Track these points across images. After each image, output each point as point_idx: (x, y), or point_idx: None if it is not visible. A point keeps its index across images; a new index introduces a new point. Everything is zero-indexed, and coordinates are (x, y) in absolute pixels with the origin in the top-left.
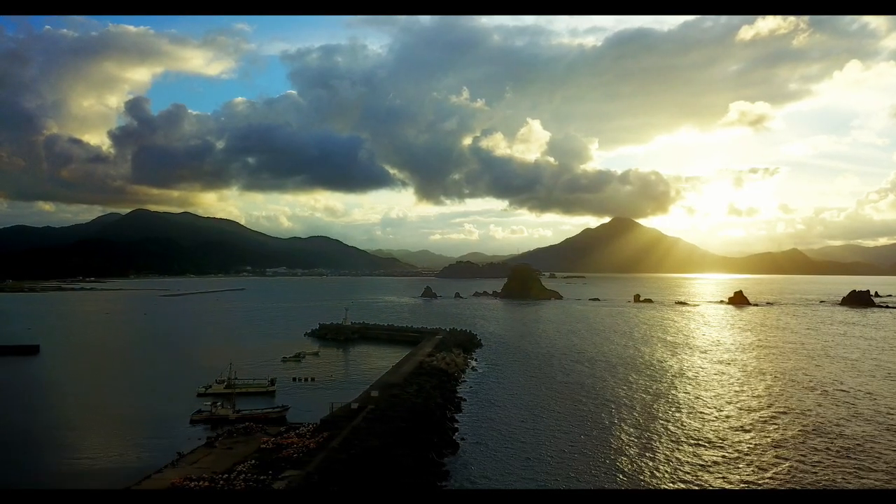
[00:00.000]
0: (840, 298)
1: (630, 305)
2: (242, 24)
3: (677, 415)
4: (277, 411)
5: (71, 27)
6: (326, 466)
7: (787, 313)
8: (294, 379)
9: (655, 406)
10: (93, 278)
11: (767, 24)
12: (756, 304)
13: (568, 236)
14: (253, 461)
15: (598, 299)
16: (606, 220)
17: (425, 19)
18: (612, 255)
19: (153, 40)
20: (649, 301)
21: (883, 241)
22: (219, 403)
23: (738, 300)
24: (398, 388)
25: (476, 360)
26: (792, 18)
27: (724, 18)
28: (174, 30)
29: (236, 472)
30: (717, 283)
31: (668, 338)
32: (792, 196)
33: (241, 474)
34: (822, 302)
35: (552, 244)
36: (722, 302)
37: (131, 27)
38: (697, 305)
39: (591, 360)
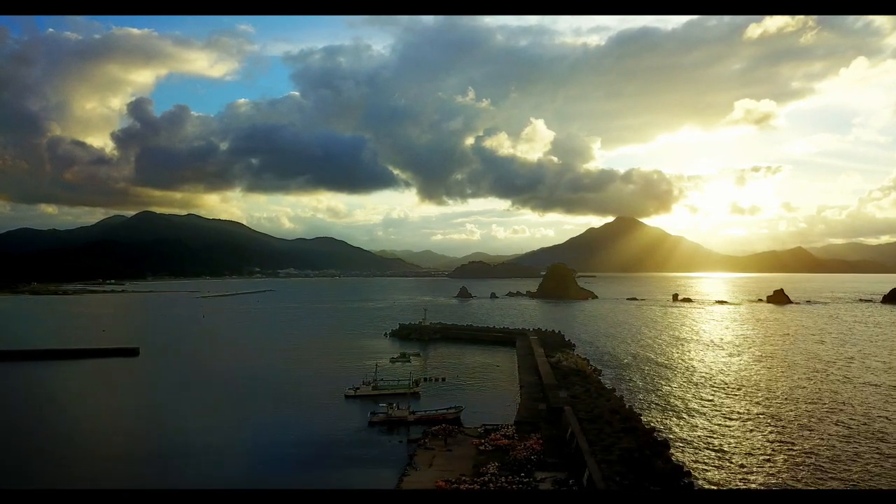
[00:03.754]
0: (878, 296)
1: (674, 304)
2: (245, 25)
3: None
4: (453, 412)
5: (74, 29)
6: (607, 467)
7: (840, 312)
8: (425, 379)
9: (832, 403)
10: (112, 280)
11: (776, 22)
12: (797, 303)
13: (570, 236)
14: (497, 463)
15: (635, 299)
16: (609, 219)
17: (428, 19)
18: (617, 255)
19: (156, 42)
20: (689, 300)
21: (885, 238)
22: (394, 405)
23: (779, 299)
24: (562, 390)
25: (588, 360)
26: (800, 16)
27: (728, 17)
28: (178, 32)
29: (489, 474)
30: (729, 281)
31: (768, 336)
32: (794, 194)
33: (501, 476)
34: (861, 300)
35: (556, 244)
36: (761, 301)
37: (135, 29)
38: (740, 304)
39: (708, 361)
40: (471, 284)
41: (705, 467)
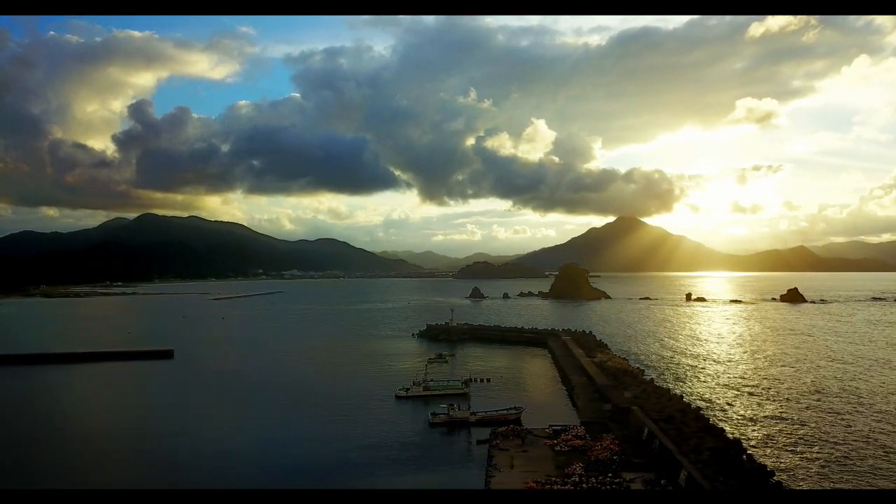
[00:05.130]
0: (890, 295)
1: (688, 304)
2: (246, 27)
3: None
4: (514, 413)
5: (75, 32)
6: (703, 467)
7: (860, 311)
8: (471, 380)
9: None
10: (119, 283)
11: (778, 20)
12: (812, 302)
13: (572, 236)
14: (581, 463)
15: (648, 298)
16: (611, 219)
17: (429, 20)
18: (619, 255)
19: (157, 44)
20: (702, 299)
21: (887, 237)
22: (455, 406)
23: (793, 297)
24: (624, 390)
25: (628, 360)
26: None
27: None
28: (179, 34)
29: (576, 475)
30: (734, 281)
31: (798, 336)
32: (795, 193)
33: (590, 477)
34: (874, 299)
35: (557, 244)
36: (774, 300)
37: (135, 32)
38: (754, 303)
39: (748, 361)
40: (477, 285)
41: (786, 465)
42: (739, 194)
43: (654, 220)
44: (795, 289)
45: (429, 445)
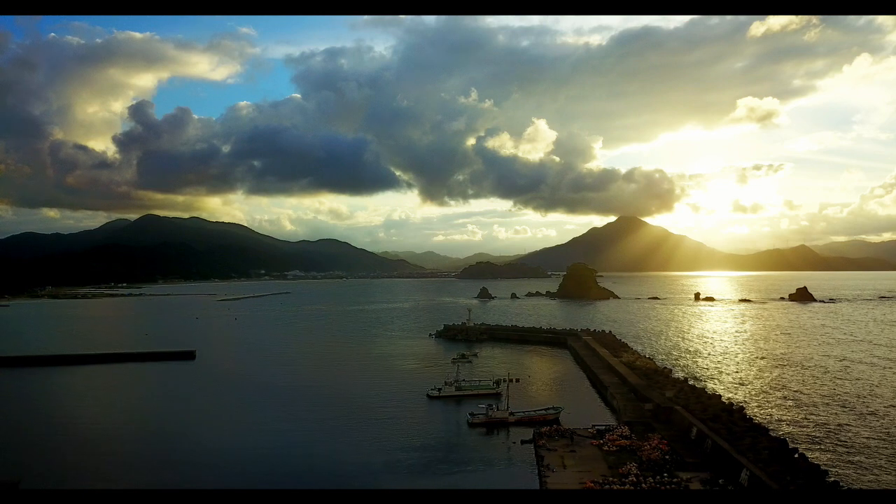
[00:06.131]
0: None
1: (698, 304)
2: (247, 28)
3: None
4: (552, 413)
5: (76, 34)
6: (764, 466)
7: (871, 311)
8: (502, 380)
9: None
10: (124, 284)
11: (779, 19)
12: (822, 302)
13: (573, 236)
14: (635, 463)
15: (657, 298)
16: (611, 219)
17: (430, 20)
18: (620, 254)
19: (158, 46)
20: (712, 299)
21: (887, 235)
22: (494, 406)
23: (803, 296)
24: (665, 389)
25: (653, 360)
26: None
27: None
28: (179, 35)
29: (632, 474)
30: (737, 280)
31: (814, 335)
32: (796, 192)
33: (647, 477)
34: (882, 298)
35: (558, 244)
36: (783, 299)
37: (136, 33)
38: (764, 303)
39: (770, 359)
40: (480, 285)
41: (836, 463)
42: (740, 193)
43: (655, 220)
44: (804, 288)
45: (472, 446)
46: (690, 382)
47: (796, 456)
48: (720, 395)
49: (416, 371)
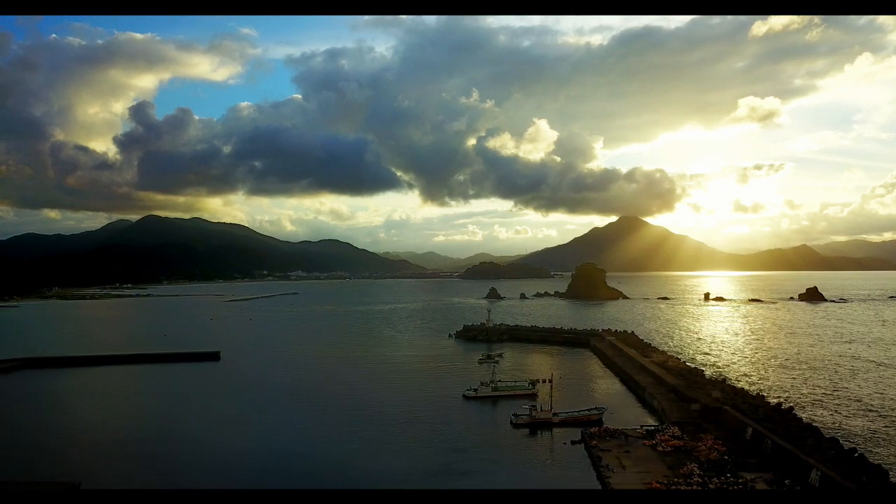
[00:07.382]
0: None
1: (708, 304)
2: (248, 28)
3: None
4: (596, 414)
5: (77, 35)
6: (833, 466)
7: (883, 309)
8: (537, 381)
9: None
10: (129, 284)
11: (780, 20)
12: (833, 301)
13: (574, 236)
14: (695, 464)
15: (666, 298)
16: (612, 219)
17: (431, 21)
18: (621, 254)
19: (159, 46)
20: (721, 299)
21: (888, 235)
22: (537, 406)
23: (813, 296)
24: (696, 390)
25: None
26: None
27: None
28: (180, 36)
29: (696, 475)
30: (740, 280)
31: (835, 335)
32: (797, 192)
33: (712, 477)
34: (891, 297)
35: (559, 244)
36: (793, 299)
37: (137, 34)
38: (775, 302)
39: (799, 359)
40: (484, 285)
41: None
42: (741, 193)
43: (656, 220)
44: (815, 287)
45: (521, 447)
46: (729, 383)
47: (855, 455)
48: (764, 396)
49: (443, 371)
